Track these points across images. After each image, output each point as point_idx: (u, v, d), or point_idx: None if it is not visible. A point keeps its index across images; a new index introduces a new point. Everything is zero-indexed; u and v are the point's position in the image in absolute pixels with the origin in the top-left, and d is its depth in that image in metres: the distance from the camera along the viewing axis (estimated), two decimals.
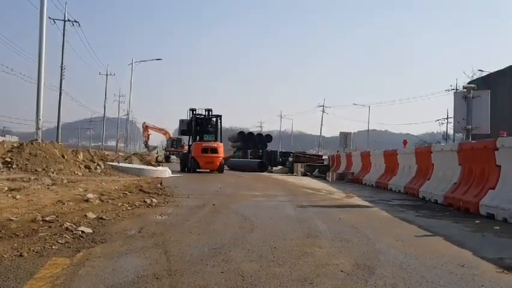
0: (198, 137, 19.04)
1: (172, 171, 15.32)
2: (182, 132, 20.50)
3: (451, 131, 44.71)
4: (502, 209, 5.58)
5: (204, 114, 19.39)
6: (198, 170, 17.87)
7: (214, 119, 19.60)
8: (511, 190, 5.74)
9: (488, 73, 39.30)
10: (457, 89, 39.78)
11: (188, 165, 18.23)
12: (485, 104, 9.22)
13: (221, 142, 19.07)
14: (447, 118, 48.43)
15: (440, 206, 7.29)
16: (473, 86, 9.51)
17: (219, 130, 19.42)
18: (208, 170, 18.11)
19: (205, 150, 17.89)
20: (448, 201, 7.21)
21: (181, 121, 20.01)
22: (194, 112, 19.27)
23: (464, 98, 9.12)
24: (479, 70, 42.20)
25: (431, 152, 8.78)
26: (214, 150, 18.01)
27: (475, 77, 42.45)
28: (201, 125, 19.33)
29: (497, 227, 5.10)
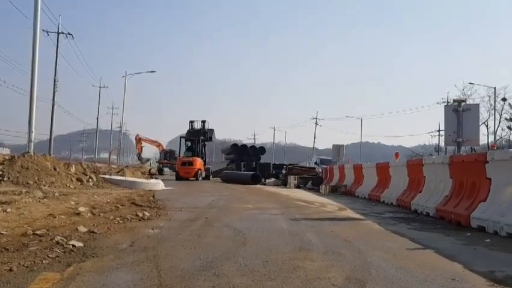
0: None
1: (166, 183, 15.25)
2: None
3: (443, 143, 45.07)
4: (493, 221, 5.62)
5: (194, 129, 25.93)
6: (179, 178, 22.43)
7: (202, 137, 25.49)
8: (502, 203, 5.79)
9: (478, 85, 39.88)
10: (448, 102, 40.18)
11: None
12: (475, 117, 9.34)
13: (200, 157, 24.23)
14: (439, 130, 48.79)
15: (432, 219, 7.32)
16: (463, 99, 9.63)
17: (200, 147, 25.07)
18: (188, 178, 22.61)
19: (183, 163, 23.21)
20: (439, 214, 7.25)
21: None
22: (193, 123, 26.07)
23: (455, 111, 9.22)
24: (469, 83, 42.83)
25: (423, 165, 8.84)
26: (191, 163, 23.03)
27: (465, 90, 43.07)
28: (192, 142, 25.21)
29: (488, 240, 5.13)
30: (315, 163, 33.06)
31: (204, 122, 26.08)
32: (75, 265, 3.35)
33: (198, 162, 23.29)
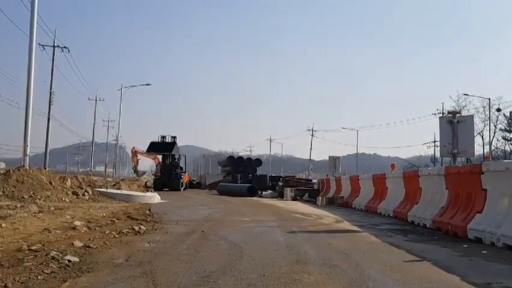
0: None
1: (162, 196, 15.19)
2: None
3: (438, 154, 45.14)
4: (490, 233, 5.62)
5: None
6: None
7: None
8: (498, 214, 5.80)
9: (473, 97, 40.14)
10: (443, 113, 40.43)
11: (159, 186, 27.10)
12: (470, 128, 9.40)
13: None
14: (434, 141, 48.97)
15: (428, 230, 7.32)
16: (457, 110, 9.70)
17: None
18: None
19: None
20: (436, 225, 7.25)
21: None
22: (164, 138, 29.09)
23: (449, 122, 9.27)
24: (464, 94, 43.19)
25: (419, 176, 8.86)
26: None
27: (460, 101, 43.41)
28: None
29: (485, 251, 5.13)
30: None
31: (174, 137, 29.22)
32: (70, 280, 3.32)
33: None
